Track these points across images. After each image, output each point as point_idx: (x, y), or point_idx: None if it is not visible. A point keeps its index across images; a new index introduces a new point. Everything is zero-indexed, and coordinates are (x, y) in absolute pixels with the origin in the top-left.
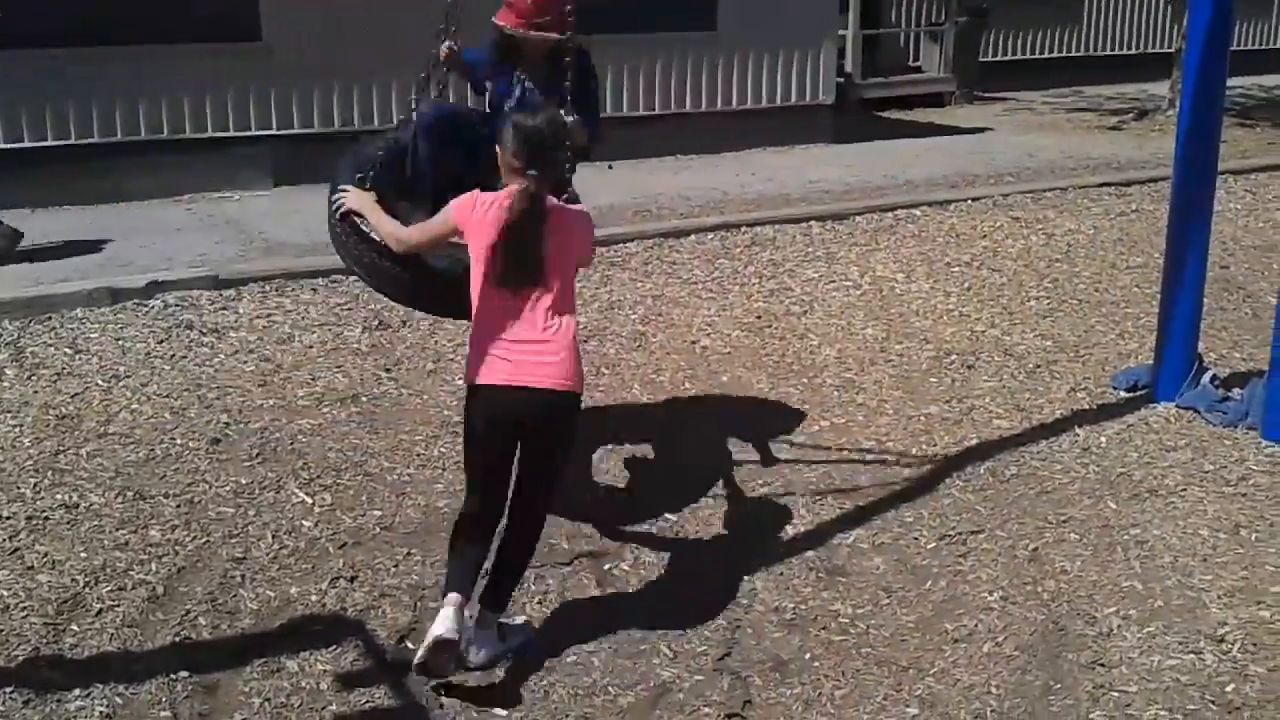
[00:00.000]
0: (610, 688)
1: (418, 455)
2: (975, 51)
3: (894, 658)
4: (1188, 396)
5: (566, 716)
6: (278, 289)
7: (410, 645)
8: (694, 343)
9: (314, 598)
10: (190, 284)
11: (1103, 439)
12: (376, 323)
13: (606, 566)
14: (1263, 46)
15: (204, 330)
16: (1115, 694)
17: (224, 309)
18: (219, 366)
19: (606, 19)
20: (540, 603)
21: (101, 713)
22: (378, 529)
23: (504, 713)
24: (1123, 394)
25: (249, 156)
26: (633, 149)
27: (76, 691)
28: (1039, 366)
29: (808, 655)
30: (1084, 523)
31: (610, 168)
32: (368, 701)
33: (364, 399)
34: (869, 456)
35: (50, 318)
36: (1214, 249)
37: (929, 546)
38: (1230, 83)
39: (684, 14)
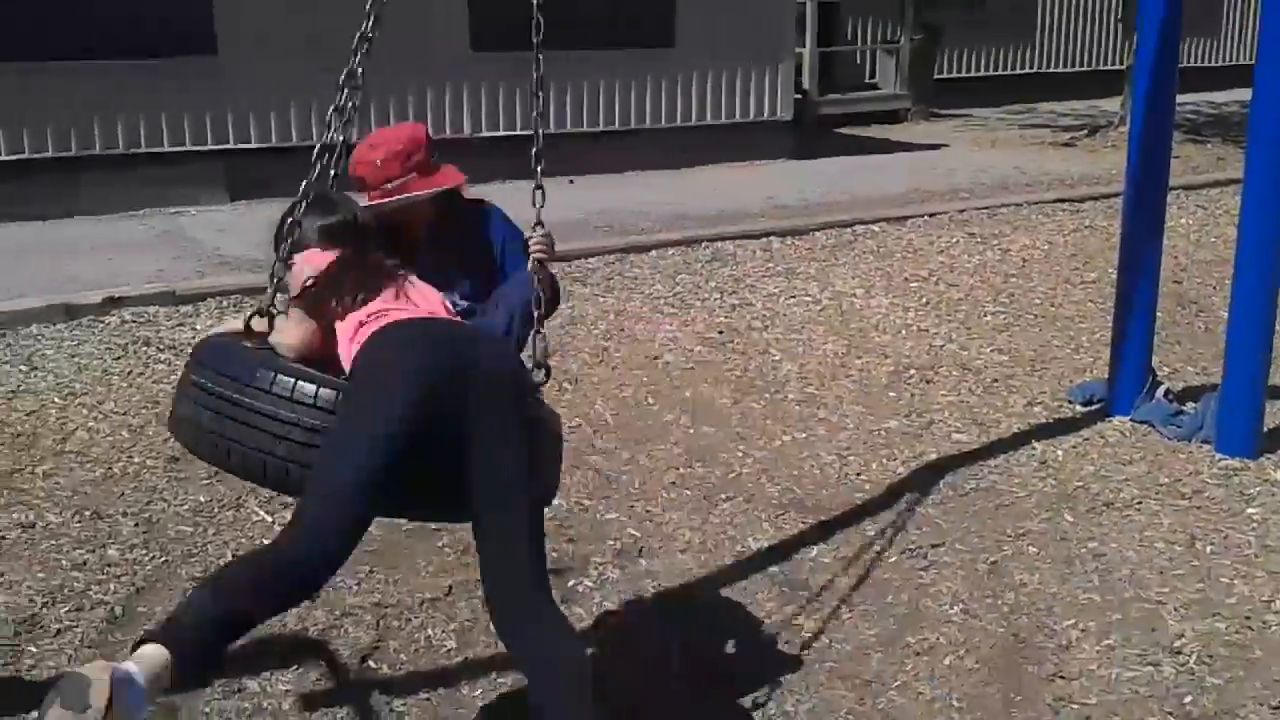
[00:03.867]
0: None
1: None
2: (930, 68)
3: (856, 672)
4: (1142, 410)
5: None
6: (235, 305)
7: (373, 665)
8: (656, 358)
9: (275, 617)
10: (147, 300)
11: (1059, 453)
12: None
13: (570, 583)
14: (1212, 64)
15: (161, 347)
16: (1075, 706)
17: (181, 325)
18: (176, 383)
19: (566, 35)
20: None
21: None
22: None
23: None
24: (1079, 408)
25: (205, 172)
26: (593, 164)
27: (34, 714)
28: (996, 381)
29: (771, 670)
30: (1042, 536)
31: (571, 182)
32: None
33: None
34: (830, 471)
35: (4, 335)
36: (1167, 264)
37: (890, 560)
38: (1180, 100)
39: (643, 30)
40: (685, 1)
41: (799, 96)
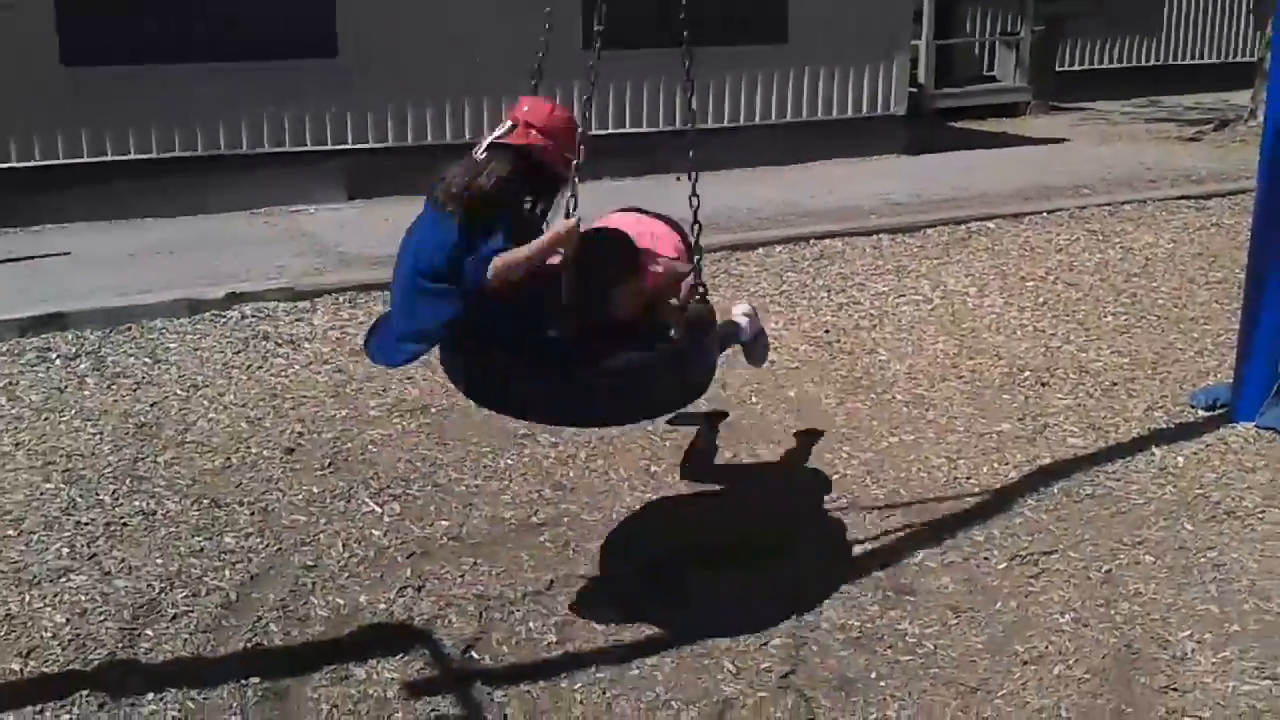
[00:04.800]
0: (673, 702)
1: (485, 467)
2: (1051, 61)
3: (962, 679)
4: (1268, 416)
5: None
6: (351, 301)
7: (475, 655)
8: None
9: (382, 606)
10: (267, 296)
11: (1180, 459)
12: None
13: (672, 580)
14: None
15: (280, 341)
16: None
17: (299, 320)
18: (294, 377)
19: (678, 32)
20: (604, 615)
21: (174, 717)
22: (445, 539)
23: None
24: (1201, 413)
25: (325, 171)
26: (703, 161)
27: (150, 695)
28: (1115, 384)
29: (874, 674)
30: (1159, 544)
31: (679, 179)
32: (434, 711)
33: (433, 410)
34: (939, 474)
35: (130, 328)
36: None
37: (999, 566)
38: None
39: (755, 27)
40: None
41: (914, 90)
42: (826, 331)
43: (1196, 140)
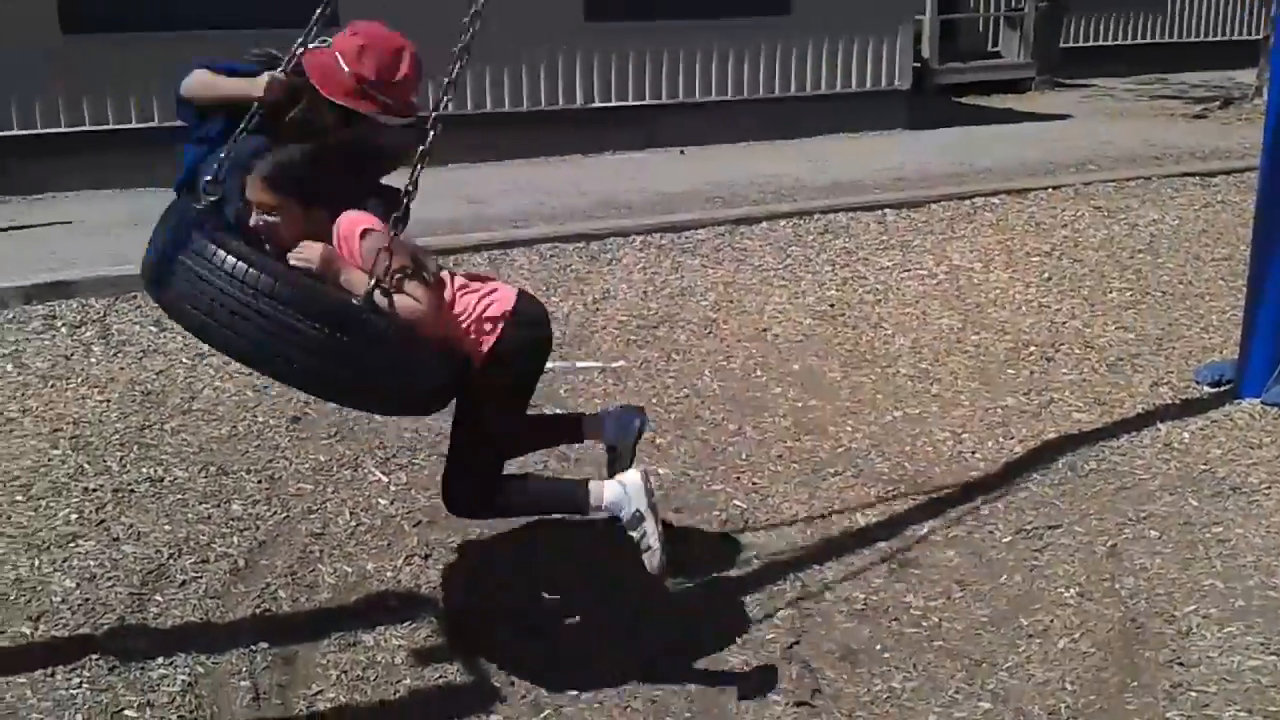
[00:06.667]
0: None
1: None
2: (1056, 37)
3: (967, 651)
4: (1273, 393)
5: (634, 698)
6: None
7: (483, 622)
8: (765, 330)
9: (389, 574)
10: None
11: (1185, 435)
12: None
13: (676, 553)
14: None
15: None
16: (1193, 694)
17: None
18: None
19: (682, 4)
20: (612, 588)
21: (183, 681)
22: None
23: (575, 693)
24: (1206, 389)
25: None
26: (706, 135)
27: (160, 660)
28: (1120, 360)
29: (878, 646)
30: (1164, 519)
31: (682, 153)
32: (440, 677)
33: None
34: (944, 448)
35: (136, 296)
36: None
37: (1004, 540)
38: None
39: None
40: None
41: (918, 65)
42: (831, 306)
43: (1202, 118)
